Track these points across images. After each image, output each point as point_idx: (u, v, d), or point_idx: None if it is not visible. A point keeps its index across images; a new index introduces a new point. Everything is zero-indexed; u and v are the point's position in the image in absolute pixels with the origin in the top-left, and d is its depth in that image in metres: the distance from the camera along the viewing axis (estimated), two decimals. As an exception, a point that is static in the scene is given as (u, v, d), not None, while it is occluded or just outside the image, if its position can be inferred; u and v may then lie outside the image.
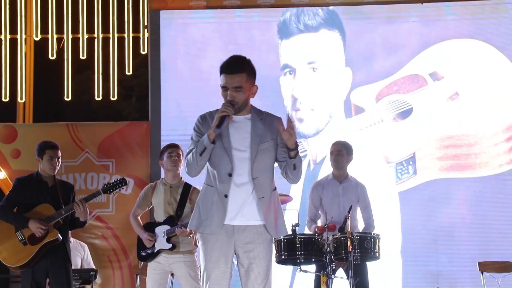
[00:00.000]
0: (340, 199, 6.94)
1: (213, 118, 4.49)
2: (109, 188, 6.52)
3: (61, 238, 6.32)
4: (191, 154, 4.52)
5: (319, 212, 7.03)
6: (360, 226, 6.96)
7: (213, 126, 4.42)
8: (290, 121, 4.46)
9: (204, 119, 4.60)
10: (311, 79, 8.49)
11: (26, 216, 6.31)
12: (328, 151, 7.18)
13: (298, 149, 4.51)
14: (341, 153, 7.01)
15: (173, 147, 6.79)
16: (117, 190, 6.55)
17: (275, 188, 4.61)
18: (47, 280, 6.47)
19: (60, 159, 6.59)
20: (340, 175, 7.05)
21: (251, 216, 4.50)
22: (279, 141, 4.56)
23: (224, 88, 4.53)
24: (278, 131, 4.53)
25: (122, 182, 6.53)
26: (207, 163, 4.53)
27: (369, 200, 7.02)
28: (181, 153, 6.74)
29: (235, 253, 4.55)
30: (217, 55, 8.56)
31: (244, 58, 4.58)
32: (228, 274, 4.51)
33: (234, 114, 4.51)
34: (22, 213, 6.37)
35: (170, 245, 6.62)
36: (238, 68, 4.51)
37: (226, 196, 4.47)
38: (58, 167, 6.57)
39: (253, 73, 4.57)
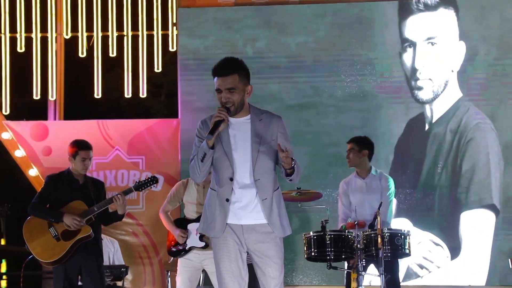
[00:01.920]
0: (365, 195, 6.94)
1: None
2: (140, 186, 6.57)
3: (93, 234, 6.38)
4: (194, 160, 4.56)
5: (349, 210, 7.02)
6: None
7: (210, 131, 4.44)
8: (281, 150, 4.43)
9: (205, 123, 4.62)
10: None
11: (60, 210, 6.37)
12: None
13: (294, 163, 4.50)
14: (352, 150, 7.01)
15: None
16: (149, 187, 6.59)
17: (278, 188, 4.65)
18: (79, 277, 6.53)
19: (92, 159, 6.64)
20: (362, 171, 7.05)
21: (258, 216, 4.56)
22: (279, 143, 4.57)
23: (218, 90, 4.54)
24: (278, 131, 4.59)
25: (154, 180, 6.56)
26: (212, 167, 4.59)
27: (389, 195, 6.99)
28: None
29: (248, 252, 4.61)
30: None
31: (236, 59, 4.60)
32: (240, 274, 4.56)
33: (232, 116, 4.54)
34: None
35: (203, 244, 6.65)
36: (230, 70, 4.52)
37: (227, 200, 4.54)
38: (89, 167, 6.62)
39: (246, 73, 4.60)
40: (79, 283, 6.57)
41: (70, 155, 6.57)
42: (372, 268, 6.69)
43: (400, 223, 8.53)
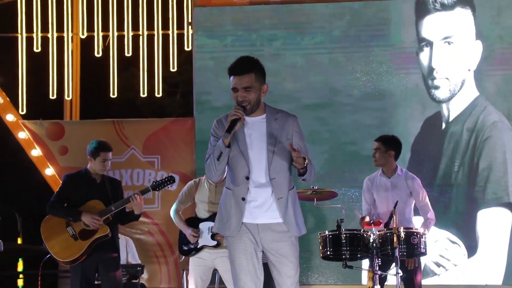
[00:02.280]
0: (390, 194, 6.88)
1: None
2: (157, 186, 6.57)
3: (111, 233, 6.39)
4: (209, 159, 4.56)
5: (372, 208, 6.99)
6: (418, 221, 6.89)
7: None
8: (293, 149, 4.43)
9: (220, 122, 4.63)
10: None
11: (78, 210, 6.39)
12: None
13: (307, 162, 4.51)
14: (378, 150, 6.97)
15: None
16: (166, 187, 6.59)
17: (294, 187, 4.65)
18: (96, 275, 6.54)
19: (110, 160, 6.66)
20: (387, 170, 6.99)
21: (273, 215, 4.56)
22: (295, 144, 4.57)
23: (234, 89, 4.54)
24: (293, 131, 4.59)
25: (171, 180, 6.56)
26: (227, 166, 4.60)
27: (423, 193, 6.94)
28: None
29: (263, 251, 4.61)
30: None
31: (252, 58, 4.60)
32: (256, 273, 4.56)
33: (247, 115, 4.54)
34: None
35: (214, 242, 6.64)
36: (246, 69, 4.52)
37: (243, 199, 4.54)
38: (108, 168, 6.64)
39: (262, 72, 4.59)
40: (96, 282, 6.58)
41: (90, 155, 6.57)
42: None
43: (417, 222, 8.43)
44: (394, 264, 6.43)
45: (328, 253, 6.51)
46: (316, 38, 9.25)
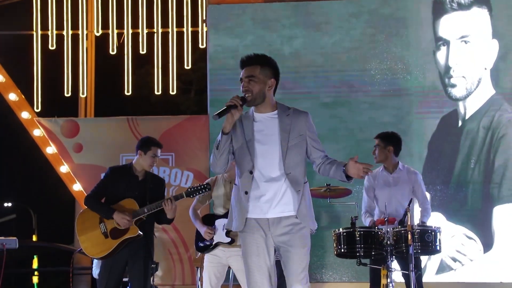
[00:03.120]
0: (392, 189, 6.89)
1: (242, 120, 4.60)
2: (192, 192, 6.53)
3: (141, 234, 6.38)
4: (212, 152, 4.63)
5: (374, 203, 6.99)
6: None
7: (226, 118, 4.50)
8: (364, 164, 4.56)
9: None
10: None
11: (112, 207, 6.40)
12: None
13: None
14: (377, 147, 6.98)
15: None
16: (201, 194, 6.58)
17: (306, 181, 4.68)
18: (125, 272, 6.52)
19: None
20: (389, 166, 7.00)
21: (284, 208, 4.58)
22: (309, 140, 4.63)
23: (240, 80, 4.63)
24: (306, 127, 4.61)
25: (206, 187, 6.52)
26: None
27: (423, 187, 6.99)
28: None
29: (274, 246, 4.62)
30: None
31: (264, 54, 4.69)
32: (268, 270, 4.58)
33: (250, 105, 4.61)
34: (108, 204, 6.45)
35: (229, 239, 6.63)
36: (253, 60, 4.63)
37: (246, 193, 4.57)
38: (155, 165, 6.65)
39: (270, 67, 4.65)
40: (124, 279, 6.56)
41: (140, 148, 6.56)
42: (395, 264, 6.62)
43: (433, 218, 8.52)
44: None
45: (342, 250, 6.49)
46: (335, 37, 9.34)
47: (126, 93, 10.07)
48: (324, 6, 9.40)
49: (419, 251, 6.38)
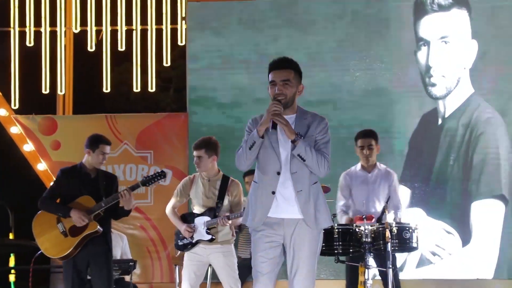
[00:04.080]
0: (370, 188, 6.91)
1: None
2: (148, 181, 6.52)
3: (101, 229, 6.36)
4: (241, 149, 4.67)
5: (349, 201, 7.00)
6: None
7: (262, 122, 4.55)
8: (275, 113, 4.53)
9: (255, 121, 4.74)
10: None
11: (68, 206, 6.36)
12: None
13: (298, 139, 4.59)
14: (371, 146, 6.97)
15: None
16: (156, 182, 6.55)
17: (316, 182, 4.71)
18: (88, 270, 6.51)
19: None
20: (370, 165, 7.01)
21: (296, 210, 4.63)
22: (316, 143, 4.69)
23: (272, 82, 4.68)
24: (318, 130, 4.69)
25: (161, 175, 6.52)
26: (257, 161, 4.69)
27: (398, 188, 7.03)
28: (202, 155, 6.70)
29: (284, 244, 4.67)
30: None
31: (292, 58, 4.77)
32: (275, 264, 4.65)
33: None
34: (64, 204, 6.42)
35: (209, 237, 6.62)
36: (286, 64, 4.72)
37: (273, 192, 4.63)
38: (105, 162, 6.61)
39: (299, 73, 4.76)
40: (88, 277, 6.55)
41: (88, 147, 6.52)
42: (371, 261, 6.63)
43: (414, 213, 8.92)
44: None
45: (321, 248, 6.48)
46: (319, 37, 9.47)
47: (104, 90, 10.02)
48: (308, 7, 9.51)
49: (396, 248, 6.40)
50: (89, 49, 10.05)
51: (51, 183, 6.69)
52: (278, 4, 9.54)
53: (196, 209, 6.80)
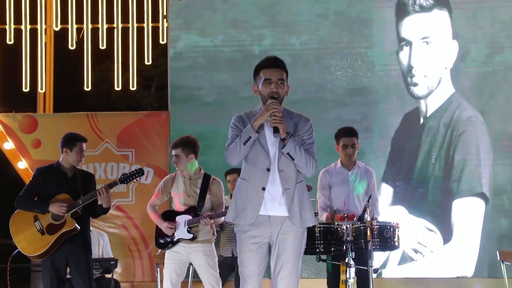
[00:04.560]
0: (350, 186, 6.91)
1: (250, 118, 4.69)
2: (126, 178, 6.50)
3: (78, 227, 6.33)
4: (233, 144, 4.66)
5: (329, 200, 7.00)
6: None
7: (258, 118, 4.58)
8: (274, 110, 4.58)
9: (241, 118, 4.76)
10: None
11: (46, 202, 6.33)
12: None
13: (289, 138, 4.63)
14: (355, 145, 6.99)
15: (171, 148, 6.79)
16: (135, 180, 6.53)
17: (302, 181, 4.75)
18: (68, 269, 6.48)
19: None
20: (349, 163, 7.02)
21: (283, 207, 4.67)
22: (304, 143, 4.73)
23: (269, 80, 4.70)
24: (304, 131, 4.75)
25: (139, 172, 6.51)
26: (244, 158, 4.70)
27: (376, 186, 7.06)
28: (179, 154, 6.69)
29: (270, 243, 4.70)
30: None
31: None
32: (263, 264, 4.67)
33: None
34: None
35: (191, 236, 6.60)
36: (280, 64, 4.78)
37: (263, 189, 4.65)
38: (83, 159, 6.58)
39: (287, 73, 4.80)
40: (68, 276, 6.51)
41: (65, 146, 6.49)
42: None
43: (396, 211, 9.04)
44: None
45: (302, 246, 6.47)
46: (303, 37, 9.53)
47: (85, 88, 9.97)
48: (292, 7, 9.56)
49: (378, 247, 6.40)
50: (70, 47, 10.00)
51: (28, 183, 6.64)
52: (262, 4, 9.54)
53: (178, 207, 6.79)
